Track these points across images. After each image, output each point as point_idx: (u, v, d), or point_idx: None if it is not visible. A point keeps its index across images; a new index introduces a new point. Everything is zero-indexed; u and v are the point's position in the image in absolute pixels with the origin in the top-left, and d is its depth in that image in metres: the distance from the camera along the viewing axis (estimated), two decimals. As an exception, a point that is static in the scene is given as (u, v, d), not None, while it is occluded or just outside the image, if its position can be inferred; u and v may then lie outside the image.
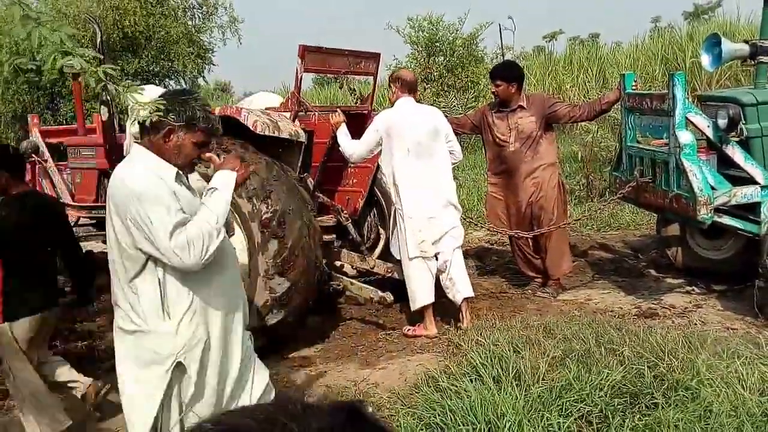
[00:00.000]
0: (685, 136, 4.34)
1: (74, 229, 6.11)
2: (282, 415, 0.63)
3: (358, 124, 4.98)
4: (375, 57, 5.35)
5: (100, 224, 6.12)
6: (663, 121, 4.55)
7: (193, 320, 2.43)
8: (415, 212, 4.46)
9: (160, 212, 2.30)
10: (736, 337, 3.67)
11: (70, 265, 3.76)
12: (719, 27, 14.78)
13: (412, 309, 4.59)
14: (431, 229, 4.49)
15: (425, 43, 14.50)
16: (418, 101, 4.81)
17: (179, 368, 2.44)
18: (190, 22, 17.17)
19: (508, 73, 5.25)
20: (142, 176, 2.36)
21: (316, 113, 4.98)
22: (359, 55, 5.17)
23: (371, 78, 5.66)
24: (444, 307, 4.86)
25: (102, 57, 5.57)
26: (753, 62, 4.84)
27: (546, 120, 5.19)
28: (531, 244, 5.34)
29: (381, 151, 4.60)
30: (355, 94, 6.02)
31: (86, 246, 6.60)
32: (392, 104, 4.67)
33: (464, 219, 5.10)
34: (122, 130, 6.05)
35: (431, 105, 7.22)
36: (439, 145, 4.58)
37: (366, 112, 5.46)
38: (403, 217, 4.50)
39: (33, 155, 6.47)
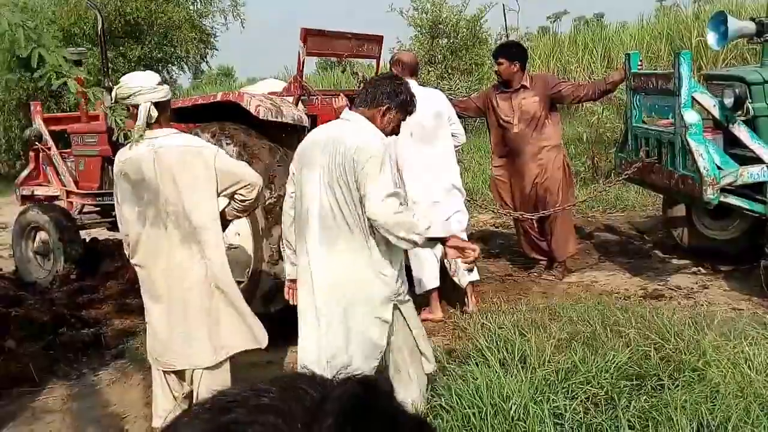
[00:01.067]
0: (691, 116, 4.29)
1: (79, 216, 6.15)
2: (302, 382, 0.63)
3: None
4: (378, 40, 5.30)
5: (104, 211, 6.14)
6: (669, 101, 4.50)
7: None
8: (420, 196, 4.44)
9: (387, 172, 2.77)
10: (743, 318, 3.66)
11: None
12: (725, 5, 14.59)
13: (417, 293, 4.58)
14: (436, 214, 4.47)
15: (429, 26, 14.38)
16: (421, 84, 4.77)
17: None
18: (192, 7, 17.06)
19: (510, 51, 5.22)
20: (379, 141, 2.82)
21: (319, 97, 4.94)
22: (362, 38, 5.13)
23: (374, 61, 5.62)
24: (449, 291, 4.85)
25: (103, 45, 5.58)
26: (759, 40, 4.78)
27: (550, 100, 5.15)
28: (536, 226, 5.32)
29: None
30: (358, 78, 5.98)
31: (91, 233, 6.65)
32: None
33: (469, 202, 5.08)
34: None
35: (435, 88, 7.17)
36: (442, 129, 4.55)
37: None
38: (406, 201, 4.47)
39: (36, 143, 6.48)
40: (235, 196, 2.90)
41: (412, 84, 4.56)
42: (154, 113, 2.84)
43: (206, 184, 2.81)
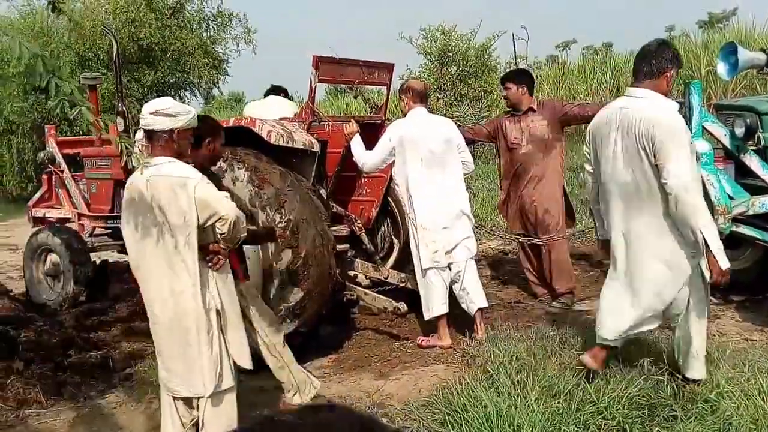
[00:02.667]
0: (701, 146, 4.29)
1: (89, 239, 6.18)
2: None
3: (372, 134, 4.98)
4: (388, 67, 5.36)
5: (115, 234, 6.17)
6: (679, 130, 4.51)
7: None
8: (429, 223, 4.45)
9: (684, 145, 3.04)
10: (756, 349, 3.62)
11: None
12: (734, 36, 14.68)
13: (426, 319, 4.57)
14: (445, 240, 4.48)
15: (438, 53, 14.53)
16: (430, 111, 4.81)
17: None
18: (205, 34, 17.33)
19: (517, 75, 5.32)
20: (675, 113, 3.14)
21: (330, 123, 4.99)
22: (373, 66, 5.19)
23: (384, 88, 5.67)
24: (458, 318, 4.83)
25: (118, 70, 5.67)
26: (770, 71, 4.80)
27: (559, 124, 5.22)
28: (533, 251, 5.33)
29: (394, 161, 4.59)
30: (369, 104, 6.04)
31: (102, 255, 6.67)
32: (404, 115, 4.68)
33: (477, 228, 5.08)
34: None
35: (444, 115, 7.24)
36: (451, 155, 4.58)
37: (380, 121, 5.47)
38: (416, 227, 4.49)
39: (50, 165, 6.54)
40: (215, 228, 2.90)
41: (422, 111, 4.62)
42: (145, 141, 2.95)
43: (190, 214, 2.82)
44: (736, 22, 20.31)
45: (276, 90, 5.80)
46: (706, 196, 4.18)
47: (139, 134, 3.10)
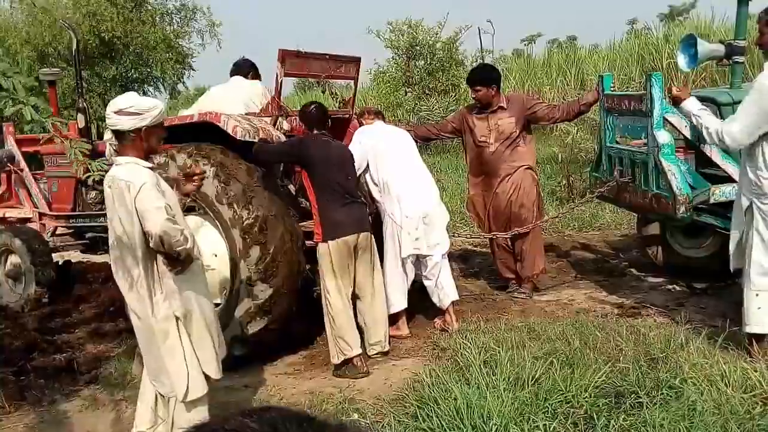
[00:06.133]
0: (663, 136, 4.37)
1: (51, 239, 6.04)
2: (286, 423, 0.64)
3: (340, 128, 4.95)
4: (355, 61, 5.33)
5: (77, 233, 6.04)
6: (641, 122, 4.58)
7: None
8: (412, 211, 4.49)
9: None
10: (719, 335, 3.70)
11: None
12: (694, 28, 14.97)
13: (389, 313, 4.56)
14: (425, 228, 4.53)
15: (405, 47, 14.53)
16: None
17: None
18: (168, 28, 17.04)
19: (486, 76, 5.29)
20: None
21: (297, 117, 4.94)
22: (339, 59, 5.15)
23: (352, 82, 5.64)
24: (428, 311, 4.85)
25: (78, 64, 5.54)
26: (728, 62, 4.90)
27: (526, 120, 5.23)
28: (509, 244, 5.37)
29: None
30: (336, 98, 6.00)
31: (65, 255, 6.53)
32: None
33: (450, 223, 5.10)
34: (100, 137, 5.98)
35: (413, 108, 7.30)
36: (417, 157, 4.81)
37: (348, 116, 5.44)
38: (397, 218, 4.49)
39: (8, 164, 6.36)
40: None
41: (380, 125, 4.75)
42: (113, 141, 2.93)
43: (133, 219, 2.78)
44: (695, 15, 20.77)
45: (241, 68, 5.14)
46: (669, 185, 4.27)
47: (107, 134, 3.02)
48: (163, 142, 3.11)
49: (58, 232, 6.20)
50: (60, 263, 6.26)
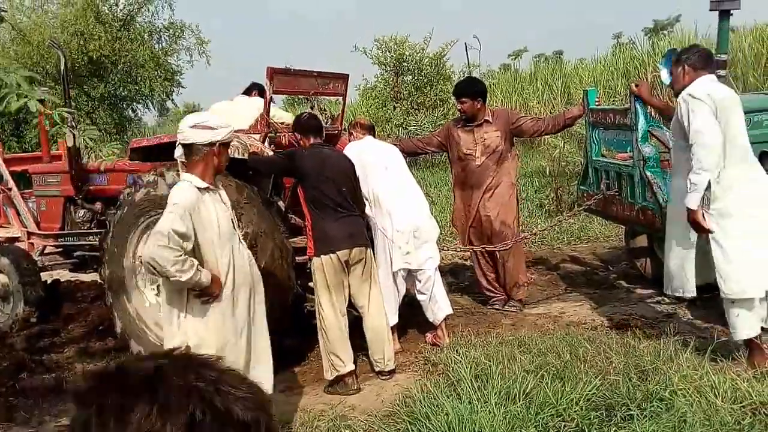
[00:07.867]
0: (647, 150, 4.43)
1: (39, 258, 6.00)
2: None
3: (329, 144, 4.96)
4: (344, 78, 5.37)
5: (66, 252, 6.01)
6: (626, 135, 4.64)
7: None
8: (403, 225, 4.49)
9: None
10: (708, 346, 3.73)
11: None
12: (678, 42, 15.18)
13: None
14: (416, 243, 4.54)
15: (393, 63, 14.63)
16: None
17: None
18: (157, 45, 17.08)
19: (472, 89, 5.35)
20: None
21: (286, 134, 4.97)
22: (327, 76, 5.19)
23: (341, 98, 5.68)
24: (419, 326, 4.86)
25: (66, 84, 5.53)
26: (711, 76, 4.97)
27: (511, 134, 5.28)
28: (489, 259, 5.39)
29: None
30: (325, 115, 6.03)
31: (53, 274, 6.48)
32: None
33: (440, 237, 5.12)
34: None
35: (401, 123, 7.34)
36: (406, 171, 4.80)
37: (337, 132, 5.47)
38: (388, 233, 4.50)
39: (-3, 184, 6.33)
40: None
41: (371, 139, 4.73)
42: (183, 158, 3.00)
43: None
44: (679, 29, 21.05)
45: (251, 89, 5.50)
46: (654, 198, 4.32)
47: (178, 151, 3.01)
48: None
49: (46, 251, 6.16)
50: (48, 282, 6.21)
